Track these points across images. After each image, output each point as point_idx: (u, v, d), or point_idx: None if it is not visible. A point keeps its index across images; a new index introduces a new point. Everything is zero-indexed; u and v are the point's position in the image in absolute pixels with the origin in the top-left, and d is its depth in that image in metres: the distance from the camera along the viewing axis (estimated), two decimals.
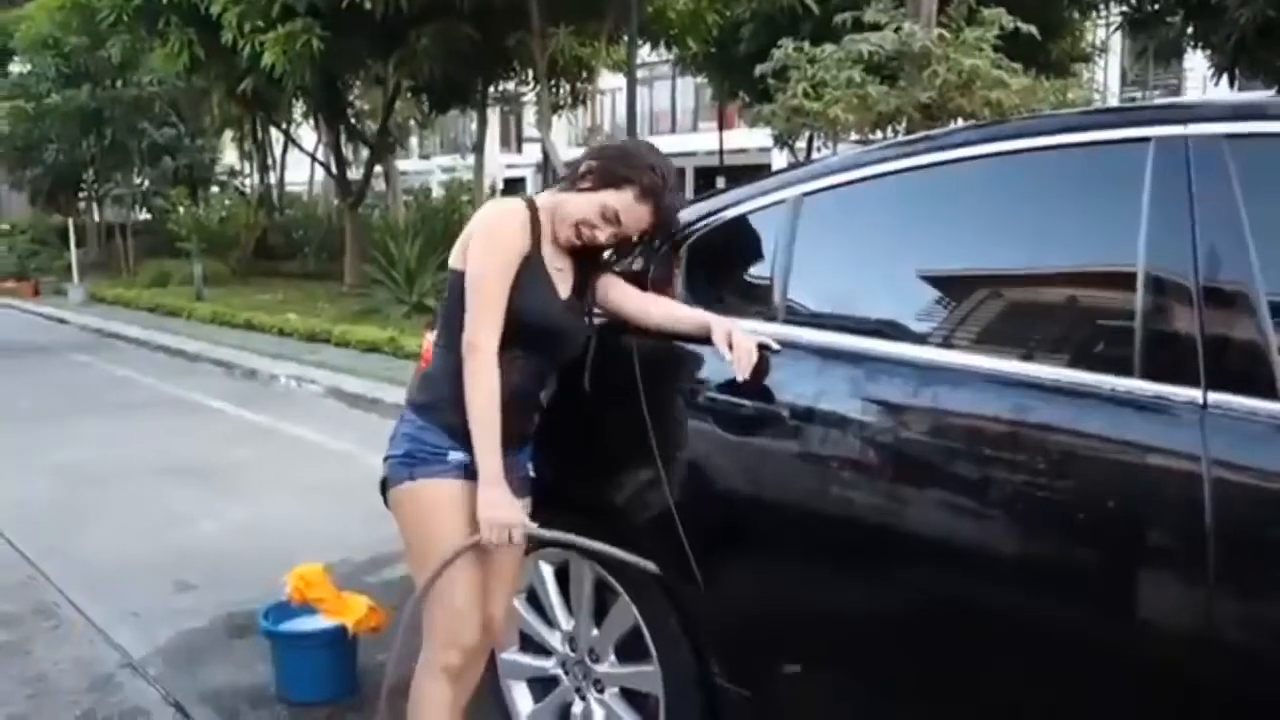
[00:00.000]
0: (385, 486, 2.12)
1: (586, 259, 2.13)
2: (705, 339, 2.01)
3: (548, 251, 2.07)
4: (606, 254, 2.16)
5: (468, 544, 2.00)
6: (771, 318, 2.06)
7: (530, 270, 2.02)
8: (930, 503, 1.77)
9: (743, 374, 1.91)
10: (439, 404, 2.05)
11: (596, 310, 2.20)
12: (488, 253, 2.00)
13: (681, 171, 35.00)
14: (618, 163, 2.02)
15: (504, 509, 1.97)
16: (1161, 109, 1.78)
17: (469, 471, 2.01)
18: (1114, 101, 20.96)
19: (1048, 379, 1.65)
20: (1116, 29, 16.79)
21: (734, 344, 1.94)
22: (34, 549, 4.30)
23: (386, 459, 2.10)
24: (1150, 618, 1.56)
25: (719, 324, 2.00)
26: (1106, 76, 21.40)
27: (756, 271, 2.16)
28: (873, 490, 1.85)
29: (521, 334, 2.01)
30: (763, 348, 1.95)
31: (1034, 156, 1.77)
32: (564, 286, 2.09)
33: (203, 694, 3.01)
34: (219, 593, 3.75)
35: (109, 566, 4.10)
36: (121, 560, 4.17)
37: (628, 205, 2.00)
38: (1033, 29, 8.89)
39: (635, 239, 2.11)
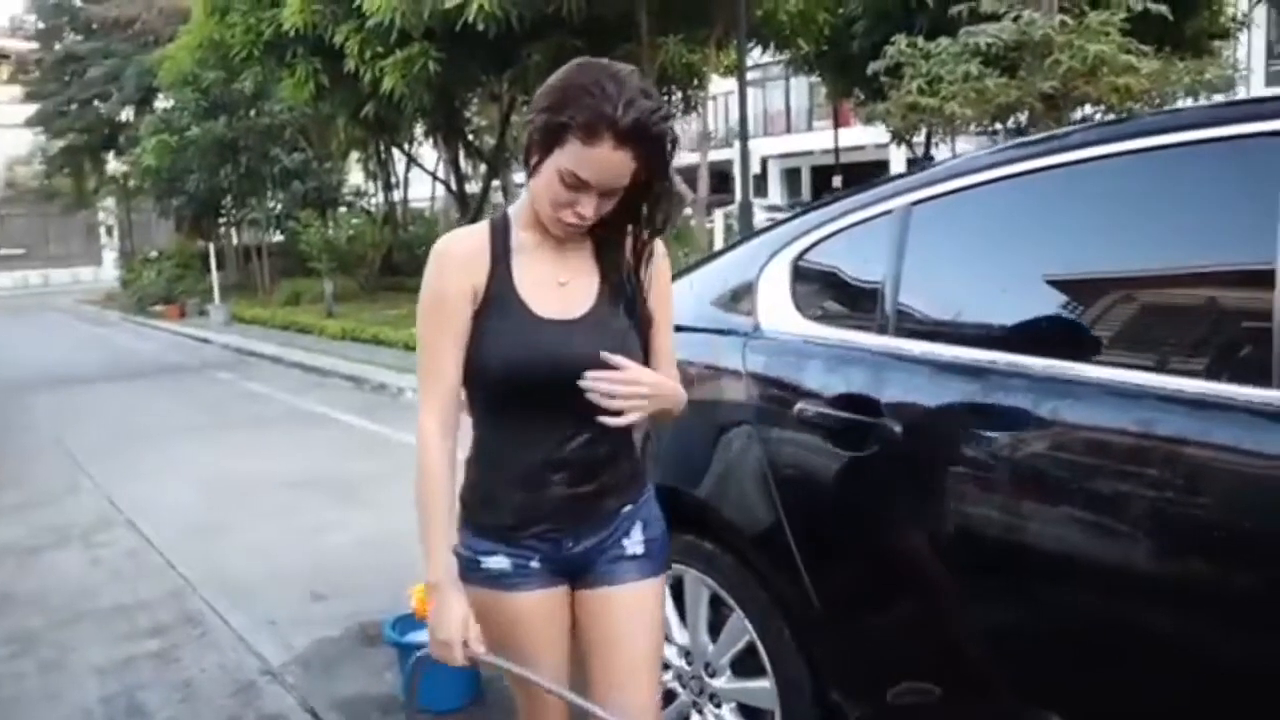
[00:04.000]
0: None
1: (607, 247, 1.63)
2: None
3: (538, 266, 1.59)
4: (631, 226, 1.62)
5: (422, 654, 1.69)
6: (882, 329, 2.01)
7: (497, 306, 1.57)
8: (1052, 519, 1.70)
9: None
10: (466, 495, 1.69)
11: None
12: (420, 313, 1.62)
13: (797, 171, 34.80)
14: (547, 112, 1.49)
15: (444, 625, 1.57)
16: None
17: (512, 580, 1.64)
18: (1259, 77, 19.73)
19: (1177, 390, 1.56)
20: (1260, 1, 15.80)
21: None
22: (181, 559, 4.58)
23: None
24: None
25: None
26: (1250, 51, 20.17)
27: (865, 283, 2.12)
28: (989, 506, 1.78)
29: (523, 390, 1.57)
30: None
31: (1160, 155, 1.67)
32: (580, 299, 1.60)
33: (336, 701, 3.13)
34: (350, 603, 3.90)
35: (248, 576, 4.31)
36: (259, 569, 4.39)
37: (580, 158, 1.46)
38: (1163, 8, 8.46)
39: (640, 188, 1.54)
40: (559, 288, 1.60)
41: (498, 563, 1.64)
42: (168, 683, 3.32)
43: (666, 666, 2.46)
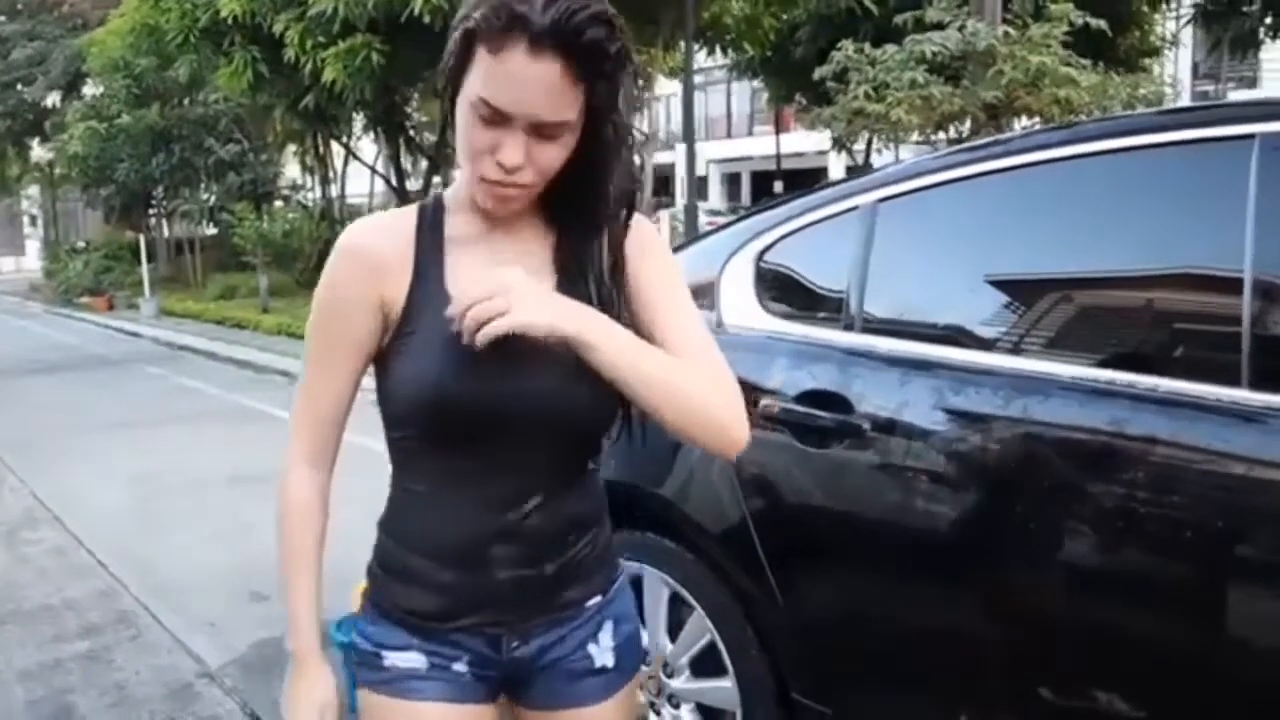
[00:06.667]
0: None
1: (570, 238, 1.19)
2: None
3: (478, 265, 1.15)
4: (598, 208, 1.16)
5: None
6: (848, 326, 2.01)
7: (423, 319, 1.15)
8: (1016, 518, 1.71)
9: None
10: (373, 568, 1.31)
11: None
12: (311, 317, 1.24)
13: (738, 176, 34.99)
14: (461, 23, 1.08)
15: (298, 710, 1.26)
16: (1266, 104, 1.69)
17: (420, 681, 1.24)
18: (1186, 96, 20.40)
19: (1146, 389, 1.57)
20: (1188, 22, 16.35)
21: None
22: (113, 558, 4.40)
23: None
24: (1258, 639, 1.47)
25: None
26: (1177, 70, 20.86)
27: (831, 280, 2.11)
28: (955, 504, 1.79)
29: (454, 434, 1.17)
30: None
31: (1130, 157, 1.69)
32: None
33: (278, 704, 3.03)
34: None
35: (185, 576, 4.17)
36: (196, 569, 4.25)
37: (490, 75, 1.05)
38: (1103, 24, 8.67)
39: (590, 135, 1.11)
40: None
41: (407, 659, 1.24)
42: (99, 686, 3.19)
43: None
